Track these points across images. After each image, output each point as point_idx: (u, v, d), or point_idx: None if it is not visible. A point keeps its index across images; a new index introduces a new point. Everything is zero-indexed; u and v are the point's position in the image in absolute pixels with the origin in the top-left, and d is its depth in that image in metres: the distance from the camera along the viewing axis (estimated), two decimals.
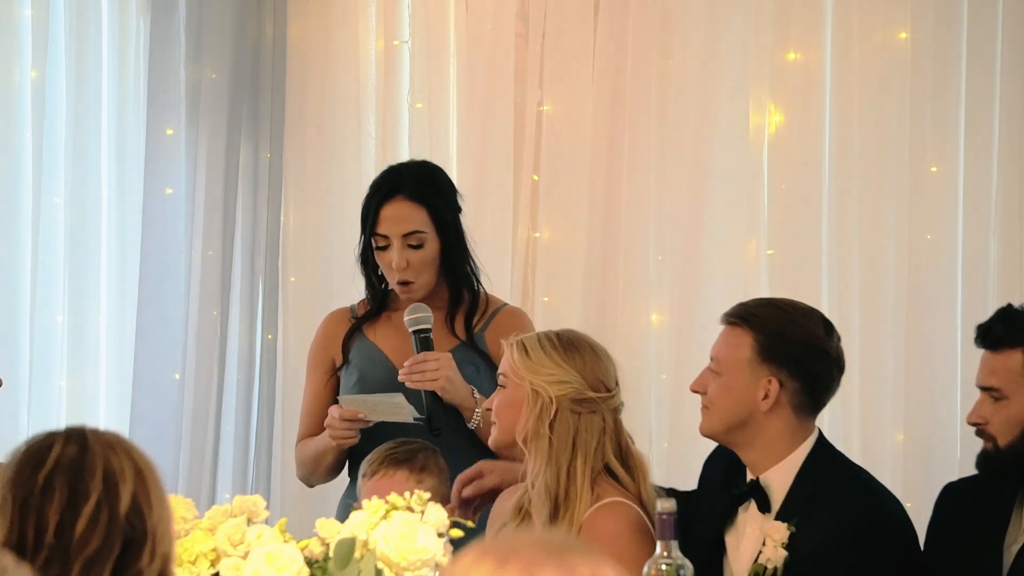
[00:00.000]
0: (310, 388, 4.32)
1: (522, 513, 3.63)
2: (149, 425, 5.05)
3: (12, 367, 4.93)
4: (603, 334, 4.44)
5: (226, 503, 3.10)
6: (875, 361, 4.71)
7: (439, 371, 4.03)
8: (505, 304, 4.32)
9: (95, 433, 2.41)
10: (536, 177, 5.06)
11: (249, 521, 3.01)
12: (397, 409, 4.03)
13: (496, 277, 5.02)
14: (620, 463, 3.60)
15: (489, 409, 3.73)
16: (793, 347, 3.51)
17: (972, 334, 3.58)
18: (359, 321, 4.28)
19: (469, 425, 4.10)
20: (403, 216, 4.16)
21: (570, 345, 3.64)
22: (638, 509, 3.55)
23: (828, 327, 3.57)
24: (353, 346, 4.27)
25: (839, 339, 3.59)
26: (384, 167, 4.46)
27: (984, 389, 3.51)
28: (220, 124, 5.18)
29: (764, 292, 4.80)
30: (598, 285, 4.98)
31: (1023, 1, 4.68)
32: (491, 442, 3.72)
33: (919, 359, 4.66)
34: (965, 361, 4.52)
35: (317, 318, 5.24)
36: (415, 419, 4.03)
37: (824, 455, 3.55)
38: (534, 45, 5.05)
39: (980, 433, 3.52)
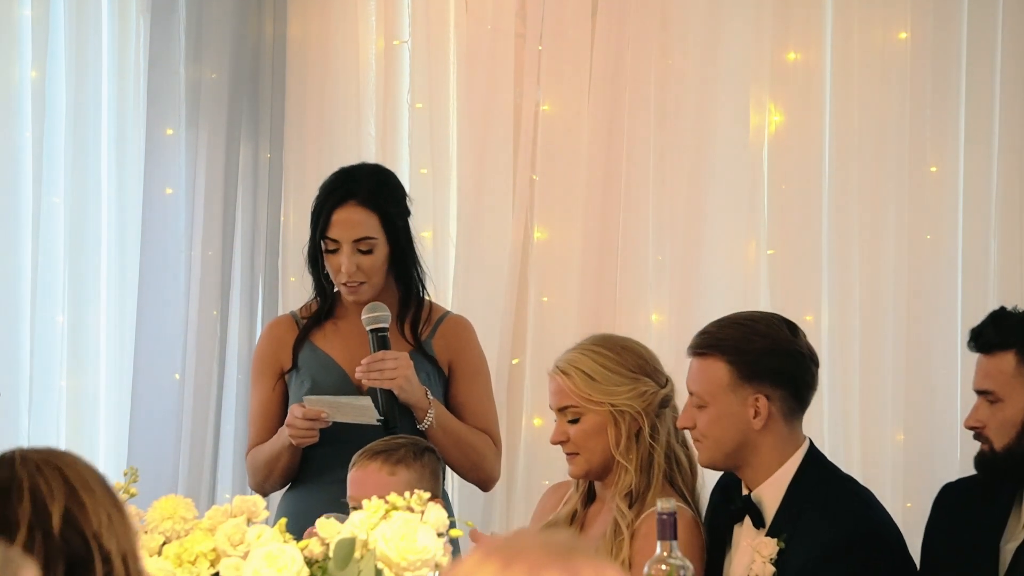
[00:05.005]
0: (258, 395, 4.30)
1: (576, 520, 3.65)
2: (149, 425, 5.05)
3: (12, 367, 4.93)
4: None
5: (226, 503, 3.11)
6: (875, 361, 4.71)
7: (397, 370, 4.03)
8: (448, 312, 4.33)
9: (24, 454, 2.29)
10: (535, 177, 5.05)
11: (249, 521, 3.01)
12: (362, 411, 4.03)
13: (495, 277, 5.02)
14: (682, 448, 3.62)
15: (564, 442, 3.65)
16: (767, 358, 3.53)
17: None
18: (306, 328, 4.27)
19: (420, 426, 4.10)
20: (355, 221, 4.15)
21: (620, 349, 3.63)
22: (691, 512, 3.59)
23: (792, 327, 3.60)
24: (302, 353, 4.25)
25: (804, 335, 3.61)
26: (384, 167, 4.45)
27: (980, 393, 3.53)
28: (220, 124, 5.17)
29: (764, 292, 4.79)
30: (597, 285, 4.97)
31: (1023, 1, 4.68)
32: (575, 474, 3.67)
33: (919, 359, 4.66)
34: (965, 361, 4.51)
35: None
36: (377, 421, 4.03)
37: (814, 467, 3.56)
38: (533, 45, 5.05)
39: (978, 436, 3.53)
